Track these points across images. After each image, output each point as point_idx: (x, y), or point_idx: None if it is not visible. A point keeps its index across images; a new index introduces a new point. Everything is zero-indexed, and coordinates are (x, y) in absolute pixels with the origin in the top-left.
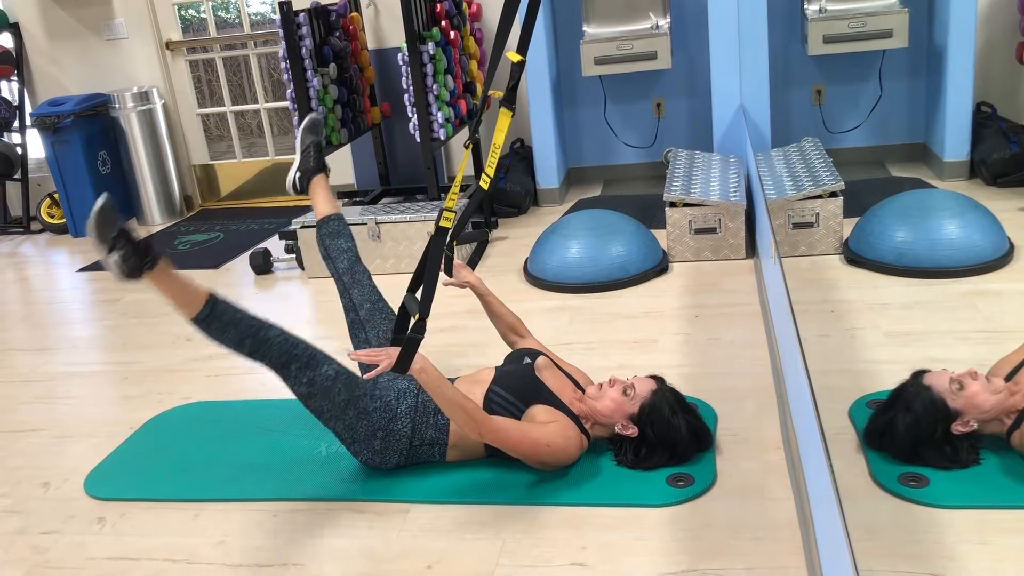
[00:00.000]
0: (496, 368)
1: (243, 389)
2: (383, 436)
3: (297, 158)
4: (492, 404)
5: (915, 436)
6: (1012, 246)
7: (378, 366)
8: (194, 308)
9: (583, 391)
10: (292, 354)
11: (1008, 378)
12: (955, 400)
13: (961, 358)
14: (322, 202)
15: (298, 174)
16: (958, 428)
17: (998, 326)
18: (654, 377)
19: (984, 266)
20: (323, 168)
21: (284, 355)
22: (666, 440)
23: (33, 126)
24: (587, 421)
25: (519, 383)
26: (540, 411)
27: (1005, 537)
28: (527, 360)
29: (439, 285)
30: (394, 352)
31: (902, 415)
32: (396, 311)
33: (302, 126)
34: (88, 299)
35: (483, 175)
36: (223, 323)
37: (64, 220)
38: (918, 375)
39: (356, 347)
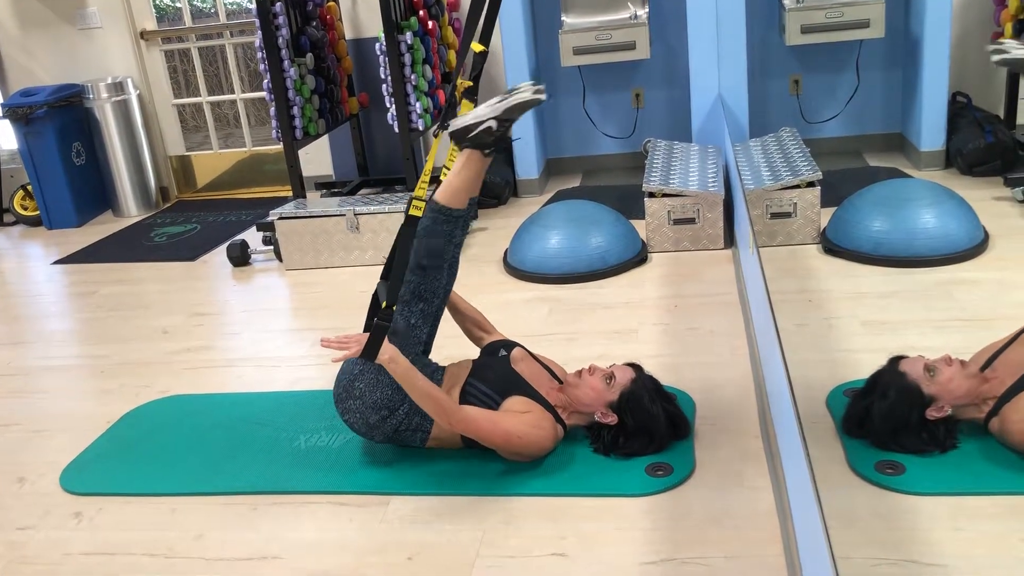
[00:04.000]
0: (472, 361)
1: (221, 382)
2: (385, 415)
3: (490, 111)
4: (469, 397)
5: (891, 422)
6: (987, 235)
7: (347, 352)
8: (459, 203)
9: (560, 381)
10: (426, 292)
11: (985, 366)
12: (929, 386)
13: (937, 346)
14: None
15: (477, 124)
16: (932, 414)
17: (973, 314)
18: (632, 365)
19: (960, 255)
20: (491, 151)
21: (421, 288)
22: (644, 427)
23: (5, 117)
24: (564, 411)
25: (495, 375)
26: (516, 402)
27: (979, 523)
28: (503, 352)
29: None
30: (364, 339)
31: (878, 402)
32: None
33: (521, 97)
34: (63, 292)
35: (444, 170)
36: (444, 232)
37: (38, 212)
38: (894, 361)
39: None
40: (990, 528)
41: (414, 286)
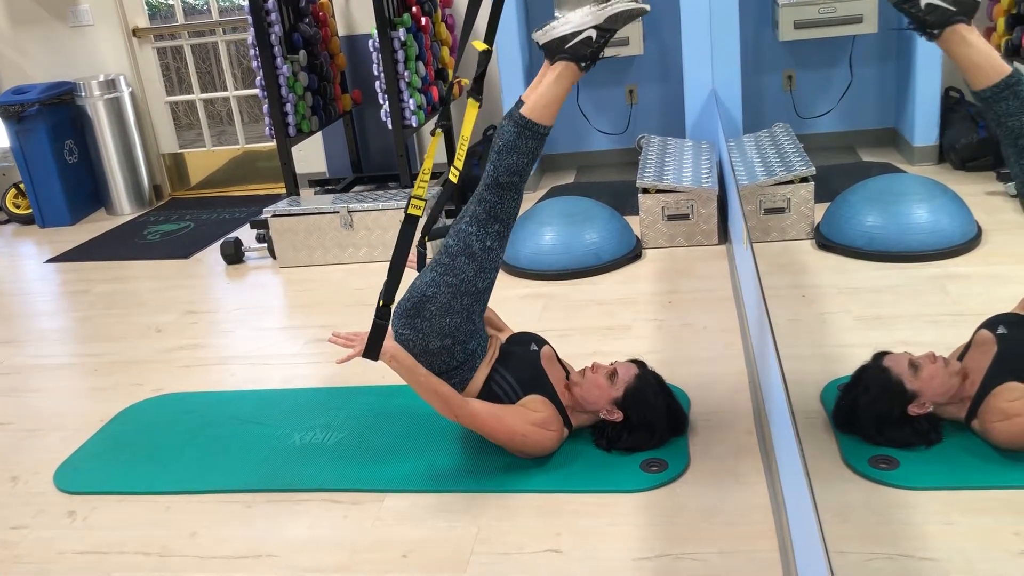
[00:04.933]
0: (500, 347)
1: (214, 380)
2: (449, 344)
3: (590, 19)
4: (492, 383)
5: (874, 417)
6: (980, 230)
7: (353, 351)
8: (547, 119)
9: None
10: (502, 212)
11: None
12: (912, 382)
13: (930, 341)
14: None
15: (574, 34)
16: (914, 410)
17: (966, 309)
18: (636, 362)
19: (953, 250)
20: (587, 65)
21: (497, 208)
22: (647, 422)
23: None
24: (571, 411)
25: (524, 369)
26: (535, 401)
27: (972, 517)
28: (534, 347)
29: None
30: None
31: (862, 397)
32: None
33: (624, 5)
34: (56, 290)
35: (452, 168)
36: (528, 149)
37: (31, 211)
38: (878, 357)
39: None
40: (983, 522)
41: (490, 205)
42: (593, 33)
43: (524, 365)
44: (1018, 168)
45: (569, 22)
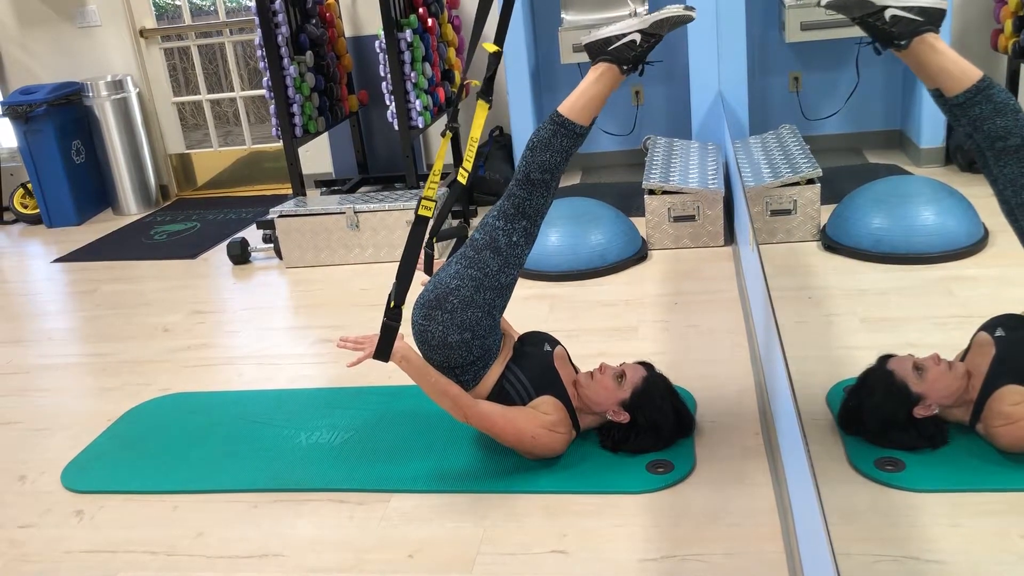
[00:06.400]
0: (514, 346)
1: (221, 380)
2: (468, 338)
3: (637, 23)
4: (504, 382)
5: (880, 420)
6: (987, 232)
7: (363, 354)
8: (585, 119)
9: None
10: (530, 209)
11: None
12: (917, 385)
13: (937, 343)
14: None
15: (615, 39)
16: (919, 412)
17: (973, 311)
18: (644, 364)
19: (959, 252)
20: (628, 68)
21: (526, 204)
22: (654, 424)
23: (5, 115)
24: (579, 412)
25: (537, 370)
26: (546, 403)
27: (979, 519)
28: (547, 348)
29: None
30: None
31: (867, 400)
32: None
33: (672, 12)
34: (63, 290)
35: (460, 169)
36: (563, 147)
37: (38, 210)
38: (883, 360)
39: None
40: (989, 524)
41: (519, 201)
42: (638, 37)
43: (537, 365)
44: (998, 170)
45: (616, 25)
